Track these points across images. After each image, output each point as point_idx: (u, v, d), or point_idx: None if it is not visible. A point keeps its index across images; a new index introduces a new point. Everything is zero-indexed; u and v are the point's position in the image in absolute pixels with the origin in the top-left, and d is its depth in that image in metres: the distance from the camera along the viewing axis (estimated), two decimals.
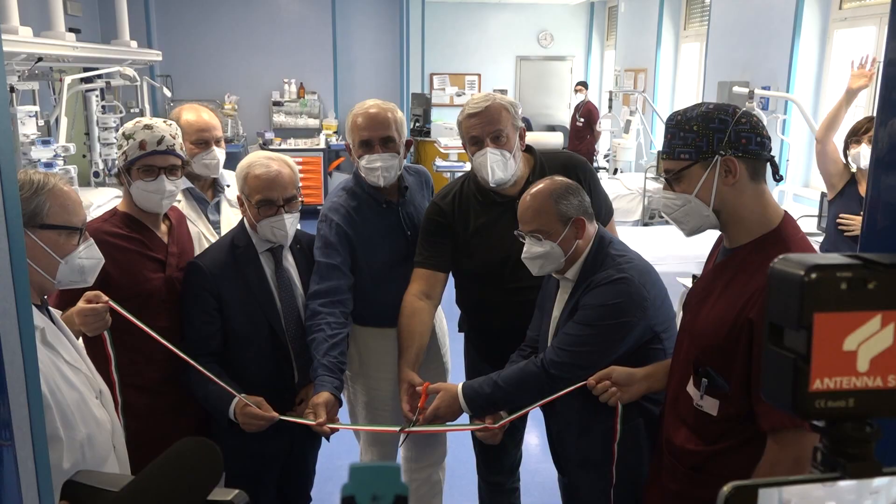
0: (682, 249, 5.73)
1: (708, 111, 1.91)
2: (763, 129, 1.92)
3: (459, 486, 4.00)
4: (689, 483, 2.03)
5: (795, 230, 1.94)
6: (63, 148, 5.66)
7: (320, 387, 2.60)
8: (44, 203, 1.94)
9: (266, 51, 12.35)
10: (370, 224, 2.89)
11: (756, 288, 1.83)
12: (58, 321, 2.01)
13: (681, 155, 1.93)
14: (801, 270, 0.65)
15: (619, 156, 10.60)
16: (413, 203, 3.01)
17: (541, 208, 2.40)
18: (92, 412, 1.94)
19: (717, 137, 1.88)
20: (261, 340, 2.66)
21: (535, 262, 2.43)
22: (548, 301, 2.58)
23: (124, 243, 2.57)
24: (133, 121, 2.65)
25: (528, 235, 2.42)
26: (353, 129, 2.85)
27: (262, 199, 2.58)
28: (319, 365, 2.64)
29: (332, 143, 12.17)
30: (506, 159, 2.71)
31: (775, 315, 0.67)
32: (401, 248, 2.94)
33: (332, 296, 2.75)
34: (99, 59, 7.06)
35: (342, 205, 2.90)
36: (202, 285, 2.60)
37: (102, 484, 0.90)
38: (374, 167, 2.80)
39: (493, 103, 2.72)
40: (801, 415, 0.66)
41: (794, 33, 7.06)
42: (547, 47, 13.97)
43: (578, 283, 2.42)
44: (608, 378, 2.28)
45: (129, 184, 2.59)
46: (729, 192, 1.90)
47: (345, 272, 2.82)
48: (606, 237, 2.47)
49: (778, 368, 0.67)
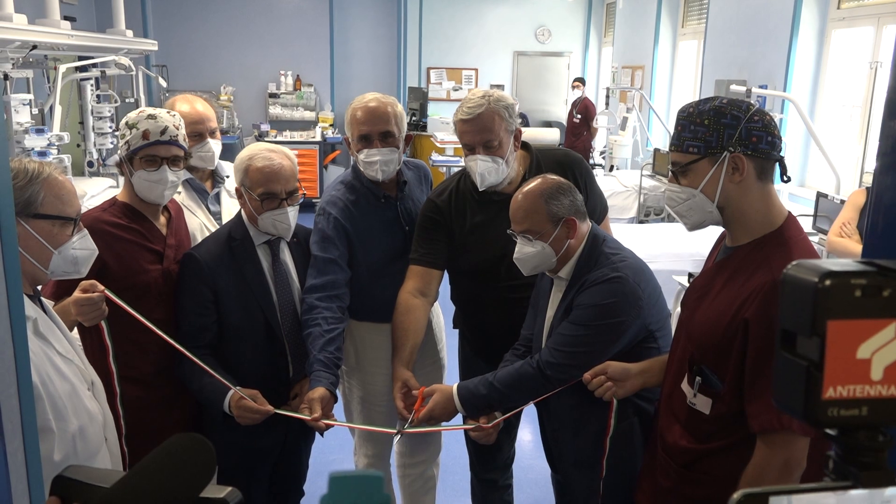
0: (678, 247, 5.73)
1: (721, 105, 1.88)
2: (775, 129, 1.89)
3: (452, 482, 4.00)
4: (680, 480, 2.03)
5: (798, 231, 1.92)
6: (57, 137, 5.64)
7: (316, 382, 2.58)
8: (38, 192, 1.91)
9: (263, 42, 12.32)
10: (368, 218, 2.87)
11: (754, 287, 1.81)
12: (50, 312, 1.99)
13: (689, 148, 1.90)
14: (815, 277, 0.64)
15: (615, 153, 10.60)
16: (412, 198, 2.99)
17: (531, 208, 2.38)
18: (84, 404, 1.92)
19: (727, 133, 1.85)
20: (256, 334, 2.64)
21: (527, 262, 2.42)
22: (541, 299, 2.57)
23: (123, 234, 2.55)
24: (137, 110, 2.63)
25: (520, 235, 2.41)
26: (353, 123, 2.82)
27: (266, 192, 2.56)
28: (315, 360, 2.62)
29: (329, 135, 12.14)
30: (497, 165, 2.68)
31: (788, 321, 0.66)
32: (399, 243, 2.92)
33: (328, 290, 2.73)
34: (94, 47, 7.01)
35: (340, 198, 2.88)
36: (198, 277, 2.58)
37: (93, 479, 0.88)
38: (373, 161, 2.78)
39: (485, 110, 2.66)
40: (812, 423, 0.65)
41: (791, 32, 7.05)
42: (544, 43, 13.94)
43: (572, 281, 2.41)
44: (604, 373, 2.27)
45: (130, 173, 2.57)
46: (735, 190, 1.88)
47: (342, 266, 2.79)
48: (600, 235, 2.46)
49: (790, 375, 0.65)
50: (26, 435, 1.31)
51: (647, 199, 8.69)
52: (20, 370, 1.28)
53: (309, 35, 12.44)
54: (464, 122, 2.69)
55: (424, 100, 12.09)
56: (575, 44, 14.11)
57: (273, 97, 12.46)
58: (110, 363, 2.31)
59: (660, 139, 10.34)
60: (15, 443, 1.29)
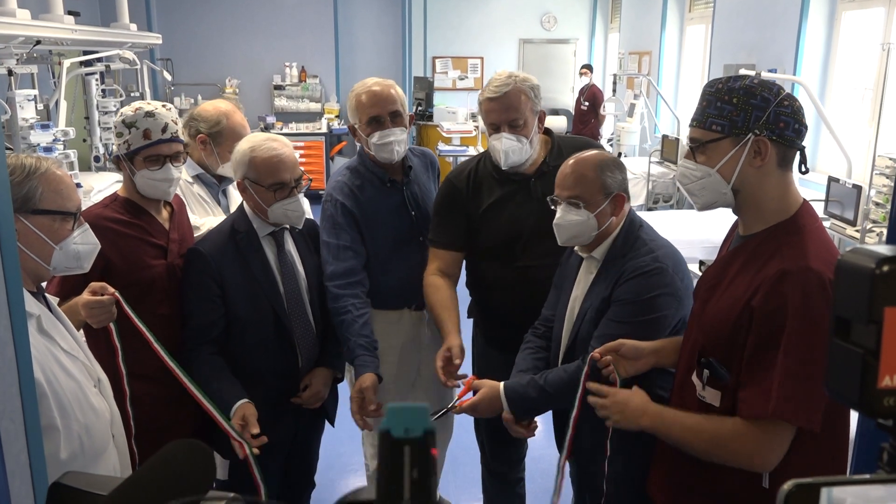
0: (687, 234, 5.67)
1: (752, 85, 1.82)
2: (803, 117, 1.83)
3: (463, 472, 3.97)
4: (690, 472, 1.99)
5: (813, 219, 1.87)
6: (62, 132, 5.61)
7: (363, 368, 2.62)
8: (36, 188, 1.89)
9: (267, 34, 12.30)
10: (374, 202, 2.87)
11: (764, 278, 1.76)
12: (55, 309, 1.97)
13: (713, 125, 1.84)
14: (872, 263, 0.60)
15: (622, 140, 10.52)
16: (418, 183, 3.00)
17: (585, 176, 2.33)
18: (90, 401, 1.90)
19: (755, 115, 1.79)
20: (264, 326, 2.62)
21: (567, 230, 2.36)
22: (566, 280, 2.53)
23: (125, 229, 2.52)
24: (131, 107, 2.58)
25: (565, 202, 2.35)
26: (359, 108, 2.82)
27: (275, 182, 2.53)
28: (356, 346, 2.65)
29: (335, 127, 12.11)
30: (521, 145, 2.70)
31: (843, 308, 0.62)
32: (405, 228, 2.93)
33: (349, 277, 2.75)
34: (98, 42, 7.00)
35: (346, 183, 2.88)
36: (204, 271, 2.56)
37: (90, 487, 0.85)
38: (388, 141, 2.79)
39: (512, 89, 2.68)
40: (867, 412, 0.61)
41: (801, 15, 6.97)
42: (550, 30, 13.87)
43: (605, 264, 2.36)
44: (616, 350, 2.20)
45: (132, 172, 2.54)
46: (753, 174, 1.83)
47: (357, 251, 2.80)
48: (637, 220, 2.41)
49: (844, 363, 0.62)
50: (30, 436, 1.27)
51: (655, 185, 8.61)
52: (21, 368, 1.24)
53: (313, 26, 12.40)
54: (490, 100, 2.71)
55: (430, 89, 12.02)
56: (581, 30, 14.04)
57: (278, 89, 12.45)
58: (119, 363, 2.28)
59: (668, 125, 10.26)
60: (18, 444, 1.25)
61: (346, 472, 4.09)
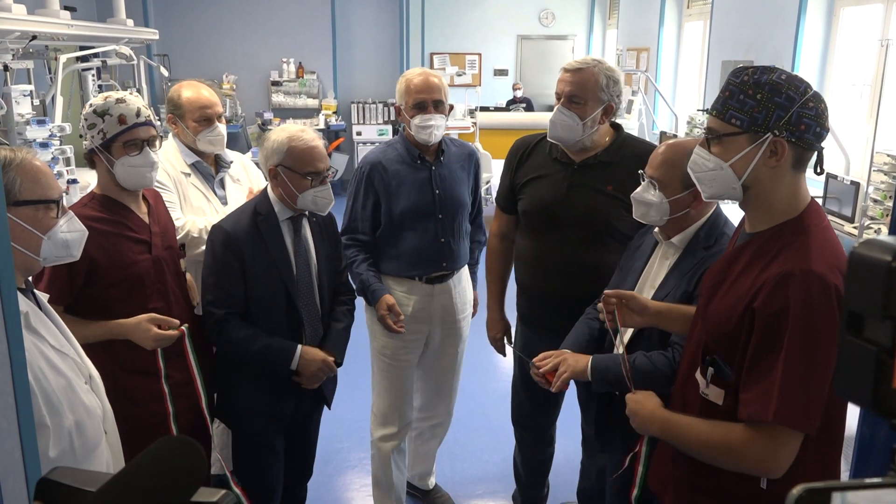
0: None
1: (779, 81, 1.76)
2: (826, 120, 1.79)
3: (462, 468, 3.96)
4: (691, 469, 1.98)
5: (819, 218, 1.84)
6: (59, 128, 5.58)
7: (381, 291, 3.15)
8: (14, 179, 1.87)
9: (264, 30, 12.24)
10: (400, 174, 3.15)
11: (767, 279, 1.74)
12: (44, 305, 1.95)
13: (732, 118, 1.79)
14: (888, 256, 0.58)
15: None
16: (448, 167, 3.24)
17: (672, 160, 2.33)
18: (80, 398, 1.88)
19: (777, 114, 1.74)
20: (277, 305, 2.72)
21: (640, 205, 2.40)
22: (635, 260, 2.55)
23: (107, 227, 2.49)
24: (100, 96, 2.56)
25: (648, 179, 2.37)
26: (408, 92, 3.11)
27: (312, 170, 2.66)
28: (368, 277, 3.15)
29: (332, 123, 12.07)
30: (572, 122, 2.78)
31: (855, 303, 0.59)
32: (426, 203, 3.15)
33: (355, 233, 3.19)
34: (95, 37, 6.95)
35: (376, 153, 3.23)
36: (228, 247, 2.64)
37: (80, 483, 0.83)
38: (429, 125, 3.09)
39: (588, 69, 2.78)
40: (881, 413, 0.59)
41: (799, 11, 6.96)
42: (548, 26, 13.84)
43: (685, 253, 2.36)
44: (622, 298, 2.23)
45: (110, 163, 2.50)
46: (766, 174, 1.79)
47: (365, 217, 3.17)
48: (723, 216, 2.42)
49: (856, 361, 0.59)
50: (23, 433, 1.26)
51: None
52: (15, 367, 1.23)
53: (310, 22, 12.35)
54: (565, 70, 2.84)
55: None
56: (579, 27, 14.01)
57: (276, 85, 12.40)
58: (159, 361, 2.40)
59: (666, 122, 10.24)
60: (12, 441, 1.24)
61: (343, 468, 4.08)
